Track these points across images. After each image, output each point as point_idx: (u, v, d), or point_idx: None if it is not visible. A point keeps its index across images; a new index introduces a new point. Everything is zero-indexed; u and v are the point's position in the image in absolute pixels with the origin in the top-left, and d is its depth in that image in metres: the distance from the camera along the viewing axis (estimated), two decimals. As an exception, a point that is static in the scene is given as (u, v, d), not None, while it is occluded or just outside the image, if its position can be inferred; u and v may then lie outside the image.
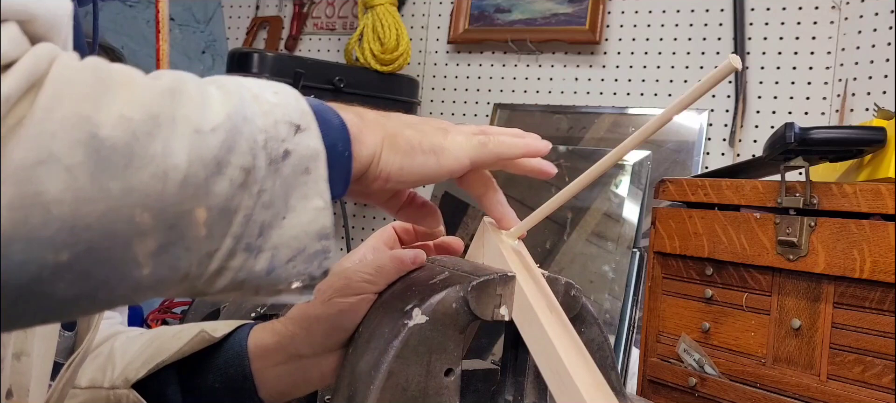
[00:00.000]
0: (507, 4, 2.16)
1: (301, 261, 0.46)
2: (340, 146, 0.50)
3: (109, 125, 0.38)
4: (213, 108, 0.42)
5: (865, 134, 1.09)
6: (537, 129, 2.10)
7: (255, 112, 0.44)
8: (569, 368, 0.54)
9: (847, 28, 1.75)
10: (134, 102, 0.39)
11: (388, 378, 0.57)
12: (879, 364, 1.01)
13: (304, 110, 0.47)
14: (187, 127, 0.41)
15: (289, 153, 0.45)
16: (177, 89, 0.41)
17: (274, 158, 0.44)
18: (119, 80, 0.40)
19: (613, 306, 1.74)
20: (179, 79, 0.43)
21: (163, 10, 1.93)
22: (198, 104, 0.42)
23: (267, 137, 0.44)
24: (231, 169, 0.42)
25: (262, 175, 0.43)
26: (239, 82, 0.46)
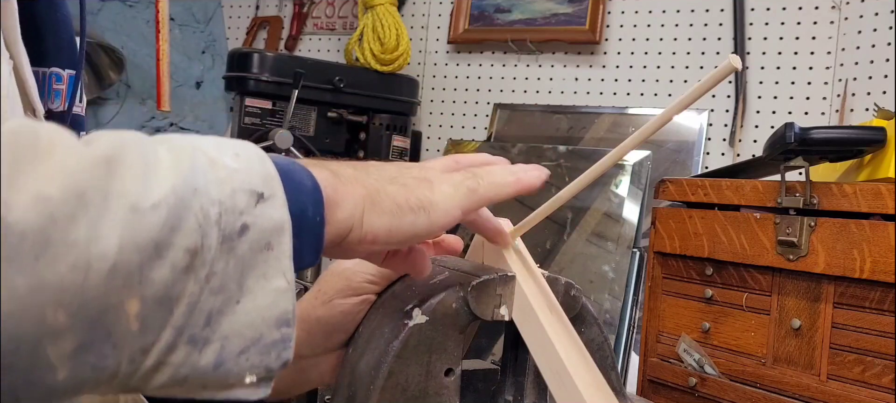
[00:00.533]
0: (507, 4, 2.16)
1: (256, 353, 0.40)
2: (311, 211, 0.44)
3: (21, 207, 0.32)
4: (157, 179, 0.36)
5: (865, 134, 1.09)
6: (537, 129, 2.11)
7: (209, 180, 0.38)
8: (569, 368, 0.54)
9: (847, 28, 1.75)
10: (56, 177, 0.33)
11: (388, 378, 0.57)
12: (879, 364, 1.01)
13: (269, 175, 0.41)
14: (122, 204, 0.35)
15: (247, 227, 0.39)
16: (114, 157, 0.35)
17: (228, 235, 0.38)
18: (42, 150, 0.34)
19: (613, 306, 1.74)
20: (120, 143, 0.36)
21: (163, 10, 1.93)
22: (138, 175, 0.36)
23: (221, 210, 0.38)
24: (174, 251, 0.36)
25: (212, 256, 0.38)
26: (194, 144, 0.40)
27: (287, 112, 1.93)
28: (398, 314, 0.59)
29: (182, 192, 0.36)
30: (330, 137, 2.07)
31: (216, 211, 0.38)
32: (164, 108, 2.01)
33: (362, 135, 2.12)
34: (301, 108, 2.01)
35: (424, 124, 2.32)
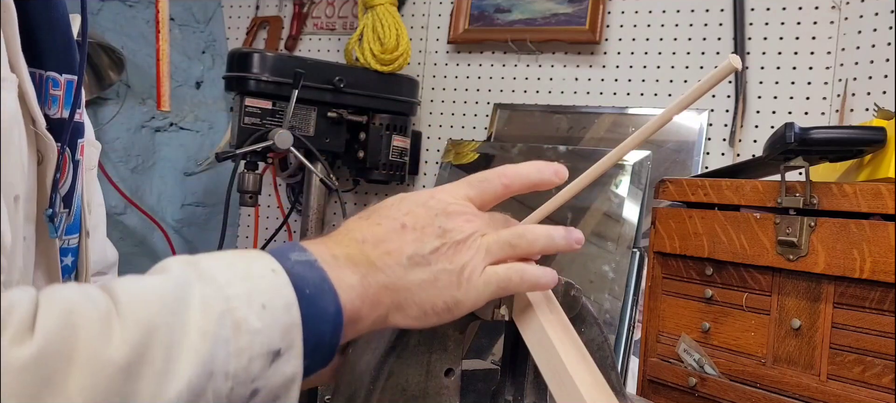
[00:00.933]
0: (507, 4, 2.16)
1: None
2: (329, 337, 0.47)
3: None
4: (176, 374, 0.39)
5: (865, 134, 1.09)
6: (537, 129, 2.11)
7: (229, 354, 0.41)
8: (569, 368, 0.54)
9: (847, 28, 1.75)
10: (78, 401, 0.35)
11: (388, 379, 0.57)
12: (879, 364, 1.01)
13: (292, 324, 0.44)
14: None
15: (257, 391, 0.42)
16: (138, 358, 0.38)
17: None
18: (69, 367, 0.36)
19: (613, 306, 1.74)
20: (149, 327, 0.38)
21: (163, 10, 1.93)
22: (159, 375, 0.38)
23: (234, 384, 0.41)
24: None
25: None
26: (227, 299, 0.42)
27: (287, 112, 1.93)
28: (398, 314, 0.59)
29: (197, 383, 0.39)
30: (330, 137, 2.07)
31: (229, 385, 0.41)
32: (164, 108, 2.01)
33: (362, 135, 2.12)
34: (301, 108, 2.00)
35: (424, 124, 2.32)
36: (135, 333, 0.38)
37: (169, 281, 0.42)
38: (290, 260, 0.47)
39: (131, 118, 2.45)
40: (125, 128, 2.43)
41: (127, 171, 2.45)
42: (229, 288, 0.42)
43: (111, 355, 0.37)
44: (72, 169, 0.72)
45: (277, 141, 1.90)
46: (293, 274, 0.45)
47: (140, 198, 2.45)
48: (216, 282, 0.42)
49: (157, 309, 0.39)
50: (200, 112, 2.62)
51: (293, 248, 0.49)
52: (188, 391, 0.39)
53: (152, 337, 0.39)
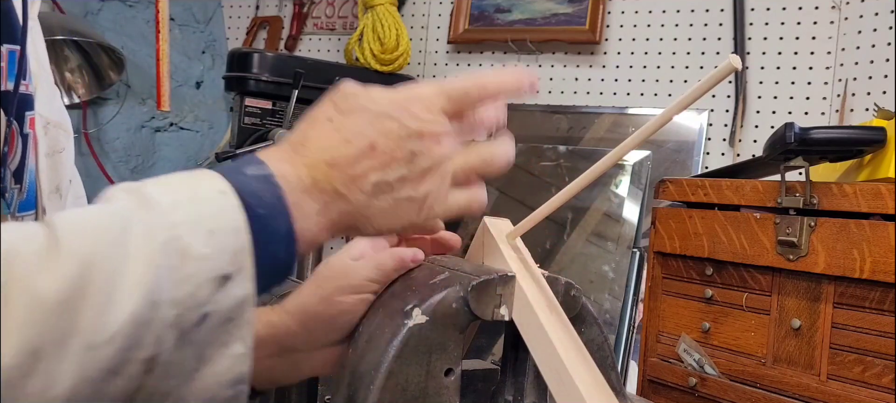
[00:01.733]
0: (507, 4, 2.16)
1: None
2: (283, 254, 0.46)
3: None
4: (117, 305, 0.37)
5: (865, 134, 1.09)
6: (537, 129, 2.11)
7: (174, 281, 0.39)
8: (569, 368, 0.54)
9: (847, 28, 1.75)
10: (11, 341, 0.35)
11: (388, 379, 0.57)
12: (879, 364, 1.01)
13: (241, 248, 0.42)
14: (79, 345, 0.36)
15: (207, 316, 0.41)
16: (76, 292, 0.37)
17: (185, 329, 0.40)
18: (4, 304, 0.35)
19: (613, 306, 1.74)
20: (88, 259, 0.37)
21: (163, 10, 1.93)
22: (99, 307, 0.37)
23: (181, 311, 0.40)
24: (130, 366, 0.38)
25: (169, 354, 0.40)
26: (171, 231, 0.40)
27: (287, 112, 1.93)
28: (398, 314, 0.59)
29: (142, 314, 0.38)
30: (330, 137, 2.07)
31: (175, 313, 0.39)
32: (164, 108, 2.01)
33: (362, 135, 2.11)
34: (301, 108, 2.00)
35: (424, 124, 2.32)
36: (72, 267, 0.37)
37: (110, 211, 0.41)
38: (245, 174, 0.45)
39: (131, 118, 2.45)
40: (125, 128, 2.43)
41: (127, 171, 2.45)
42: (174, 213, 0.41)
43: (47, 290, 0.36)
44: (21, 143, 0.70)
45: (277, 141, 1.89)
46: (245, 192, 0.44)
47: (140, 198, 2.45)
48: (160, 208, 0.41)
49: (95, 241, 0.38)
50: (200, 112, 2.62)
51: (250, 162, 0.47)
52: (132, 322, 0.38)
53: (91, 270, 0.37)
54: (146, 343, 0.38)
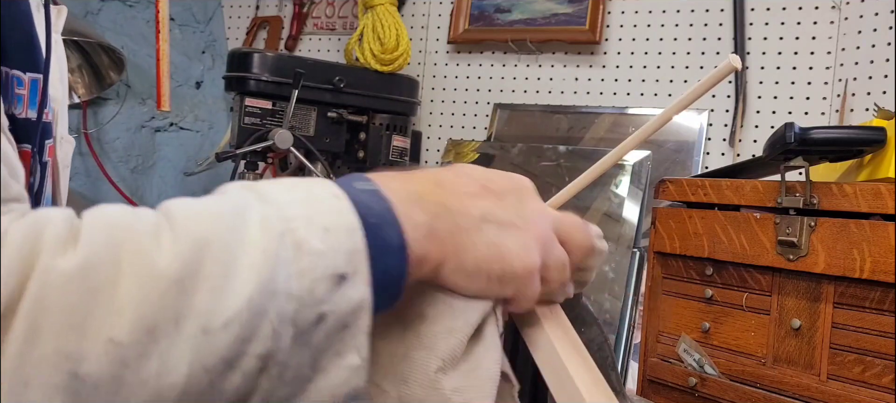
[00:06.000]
0: (507, 4, 2.16)
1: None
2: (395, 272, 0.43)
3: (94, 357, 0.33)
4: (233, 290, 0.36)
5: (865, 134, 1.09)
6: (537, 129, 2.11)
7: (291, 274, 0.38)
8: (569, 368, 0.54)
9: (847, 28, 1.75)
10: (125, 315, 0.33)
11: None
12: (879, 364, 1.01)
13: (356, 249, 0.40)
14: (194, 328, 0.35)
15: (324, 316, 0.39)
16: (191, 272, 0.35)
17: (303, 329, 0.38)
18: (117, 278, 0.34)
19: (613, 306, 1.74)
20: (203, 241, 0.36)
21: (163, 10, 1.93)
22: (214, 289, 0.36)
23: (298, 306, 0.38)
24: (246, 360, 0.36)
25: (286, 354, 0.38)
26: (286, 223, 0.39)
27: (287, 112, 1.93)
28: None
29: (258, 302, 0.36)
30: (330, 137, 2.07)
31: (292, 307, 0.37)
32: (164, 108, 2.01)
33: (362, 135, 2.12)
34: (301, 108, 2.00)
35: (424, 124, 2.32)
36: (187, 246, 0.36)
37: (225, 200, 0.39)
38: (354, 188, 0.43)
39: (131, 118, 2.45)
40: (125, 128, 2.43)
41: (127, 171, 2.45)
42: (289, 208, 0.40)
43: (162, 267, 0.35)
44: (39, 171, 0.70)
45: (277, 141, 1.90)
46: (357, 201, 0.42)
47: (140, 198, 2.45)
48: (276, 202, 0.40)
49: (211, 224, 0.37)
50: (200, 112, 2.62)
51: (357, 178, 0.45)
52: (249, 309, 0.36)
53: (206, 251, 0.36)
54: (263, 335, 0.36)
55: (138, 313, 0.34)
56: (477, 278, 0.48)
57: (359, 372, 0.40)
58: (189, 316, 0.35)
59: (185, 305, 0.35)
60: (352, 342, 0.40)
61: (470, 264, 0.47)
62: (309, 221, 0.39)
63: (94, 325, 0.33)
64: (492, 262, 0.48)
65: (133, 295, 0.34)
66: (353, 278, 0.39)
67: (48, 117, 0.72)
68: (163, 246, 0.35)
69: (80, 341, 0.33)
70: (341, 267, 0.39)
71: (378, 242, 0.42)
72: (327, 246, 0.39)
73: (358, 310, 0.40)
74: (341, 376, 0.40)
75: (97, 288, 0.33)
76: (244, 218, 0.38)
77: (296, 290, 0.38)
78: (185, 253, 0.35)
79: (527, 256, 0.49)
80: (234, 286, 0.36)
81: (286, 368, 0.38)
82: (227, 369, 0.36)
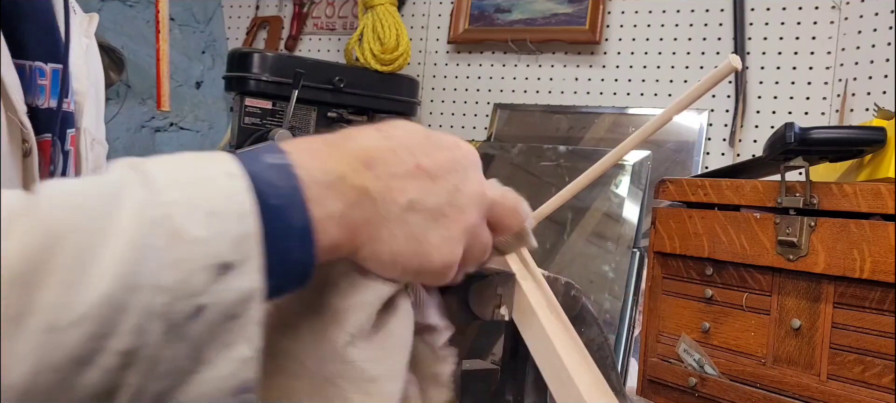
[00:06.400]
0: (507, 4, 2.16)
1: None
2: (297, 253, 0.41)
3: None
4: (88, 285, 0.34)
5: (865, 134, 1.09)
6: (537, 129, 2.11)
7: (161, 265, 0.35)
8: (569, 368, 0.54)
9: (847, 28, 1.75)
10: None
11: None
12: (879, 364, 1.01)
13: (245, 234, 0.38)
14: (37, 325, 0.33)
15: (202, 308, 0.36)
16: (38, 265, 0.33)
17: (175, 322, 0.36)
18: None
19: (613, 306, 1.74)
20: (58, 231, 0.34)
21: (163, 10, 1.93)
22: (64, 284, 0.33)
23: (170, 299, 0.35)
24: (104, 357, 0.34)
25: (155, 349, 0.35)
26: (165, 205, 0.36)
27: (287, 112, 1.93)
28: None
29: (117, 297, 0.34)
30: (330, 137, 2.07)
31: (162, 301, 0.35)
32: (164, 108, 2.01)
33: (362, 135, 2.12)
34: (301, 108, 2.00)
35: (424, 124, 2.33)
36: (38, 238, 0.34)
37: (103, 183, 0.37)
38: (262, 162, 0.41)
39: (131, 118, 2.45)
40: (125, 128, 2.43)
41: (127, 171, 2.45)
42: (170, 192, 0.37)
43: (6, 260, 0.33)
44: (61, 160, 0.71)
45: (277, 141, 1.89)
46: (259, 179, 0.40)
47: (140, 198, 2.45)
48: (155, 186, 0.37)
49: (75, 212, 0.35)
50: (200, 112, 2.62)
51: (271, 150, 0.43)
52: (104, 305, 0.34)
53: (59, 243, 0.34)
54: (122, 331, 0.34)
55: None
56: (392, 269, 0.46)
57: (249, 364, 0.38)
58: (33, 313, 0.33)
59: (28, 302, 0.33)
60: (241, 333, 0.37)
61: (386, 256, 0.45)
62: (191, 206, 0.37)
63: None
64: (410, 257, 0.46)
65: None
66: (241, 266, 0.37)
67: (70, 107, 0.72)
68: (13, 236, 0.34)
69: None
70: (225, 256, 0.37)
71: (278, 224, 0.39)
72: (210, 232, 0.37)
73: (247, 300, 0.38)
74: (229, 368, 0.37)
75: None
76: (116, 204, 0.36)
77: (167, 282, 0.35)
78: (33, 245, 0.34)
79: (448, 252, 0.47)
80: (89, 280, 0.34)
81: (157, 363, 0.35)
82: (80, 366, 0.34)
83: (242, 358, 0.38)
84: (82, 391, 0.34)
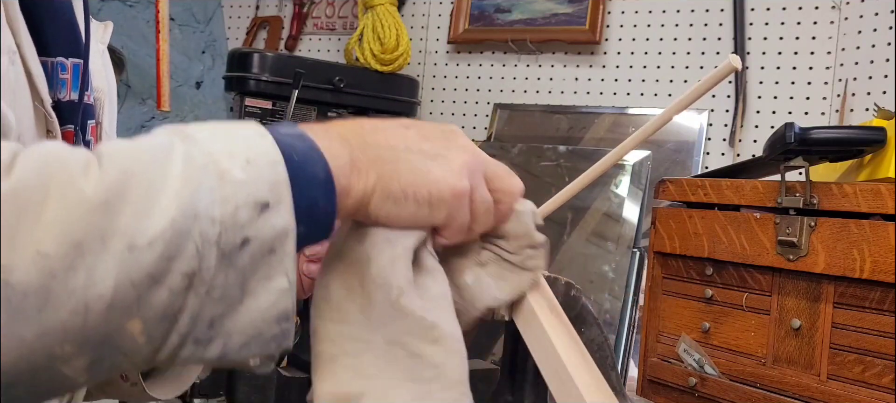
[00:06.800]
0: (507, 4, 2.16)
1: (256, 345, 0.43)
2: (322, 202, 0.45)
3: (22, 267, 0.36)
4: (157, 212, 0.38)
5: (865, 134, 1.09)
6: (537, 129, 2.11)
7: (214, 200, 0.40)
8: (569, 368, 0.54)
9: (847, 28, 1.75)
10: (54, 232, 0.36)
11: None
12: (879, 364, 1.01)
13: (278, 180, 0.42)
14: (119, 245, 0.37)
15: (248, 240, 0.41)
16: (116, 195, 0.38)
17: (228, 251, 0.40)
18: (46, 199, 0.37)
19: (613, 306, 1.74)
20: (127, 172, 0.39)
21: (163, 10, 1.93)
22: (138, 211, 0.38)
23: (222, 229, 0.40)
24: (171, 277, 0.39)
25: (212, 273, 0.40)
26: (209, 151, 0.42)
27: (287, 112, 1.93)
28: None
29: (181, 223, 0.39)
30: (330, 137, 2.07)
31: (215, 231, 0.40)
32: (164, 108, 2.01)
33: (362, 135, 2.12)
34: (301, 108, 2.00)
35: (424, 124, 2.32)
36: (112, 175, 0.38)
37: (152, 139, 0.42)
38: (279, 131, 0.46)
39: (131, 118, 2.45)
40: (125, 128, 2.43)
41: (127, 171, 2.45)
42: (211, 144, 0.42)
43: (86, 192, 0.37)
44: None
45: (277, 141, 1.90)
46: (280, 140, 0.44)
47: (140, 198, 2.45)
48: (198, 141, 0.42)
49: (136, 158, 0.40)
50: (200, 112, 2.62)
51: (283, 125, 0.48)
52: (172, 229, 0.38)
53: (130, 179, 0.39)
54: (187, 254, 0.39)
55: (64, 229, 0.36)
56: (405, 203, 0.49)
57: (287, 294, 0.43)
58: (115, 234, 0.37)
59: (110, 225, 0.37)
60: (279, 266, 0.42)
61: (396, 189, 0.49)
62: (231, 154, 0.42)
63: (23, 238, 0.36)
64: (419, 186, 0.49)
65: (59, 215, 0.37)
66: (277, 206, 0.42)
67: (90, 100, 0.75)
68: (90, 176, 0.38)
69: (11, 252, 0.35)
70: (263, 196, 0.41)
71: (303, 175, 0.44)
72: (249, 175, 0.41)
73: (282, 237, 0.42)
74: (270, 298, 0.42)
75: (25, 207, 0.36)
76: (169, 153, 0.40)
77: (219, 215, 0.40)
78: (111, 181, 0.38)
79: (455, 180, 0.50)
80: (158, 209, 0.38)
81: (213, 287, 0.40)
82: (154, 284, 0.38)
83: (281, 289, 0.42)
84: (153, 310, 0.38)
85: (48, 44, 0.68)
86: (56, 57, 0.69)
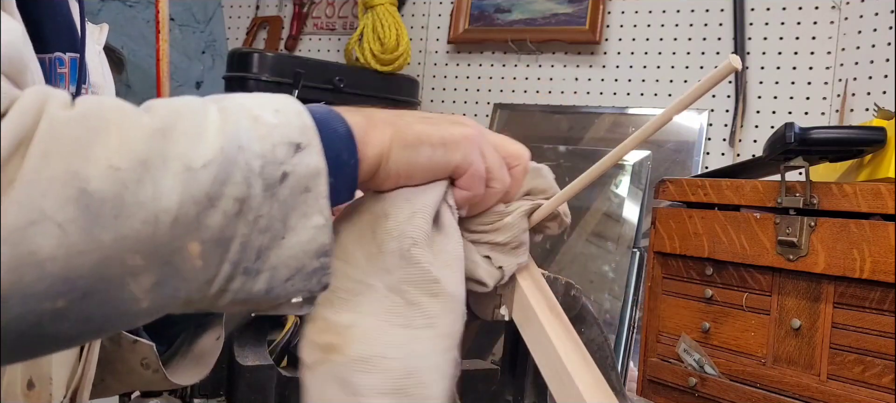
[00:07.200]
0: (507, 4, 2.16)
1: (299, 279, 0.46)
2: (346, 155, 0.49)
3: (98, 178, 0.39)
4: (206, 142, 0.43)
5: (865, 134, 1.09)
6: (537, 129, 2.11)
7: (252, 137, 0.44)
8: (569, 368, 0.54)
9: (847, 28, 1.75)
10: (122, 149, 0.40)
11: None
12: (879, 364, 1.01)
13: (306, 126, 0.46)
14: (178, 166, 0.41)
15: (287, 175, 0.45)
16: (169, 126, 0.42)
17: (270, 183, 0.44)
18: (109, 125, 0.41)
19: (613, 306, 1.74)
20: (174, 112, 0.43)
21: (163, 10, 1.93)
22: (190, 139, 0.42)
23: (263, 163, 0.44)
24: (224, 201, 0.42)
25: (258, 202, 0.44)
26: (240, 104, 0.46)
27: (287, 112, 1.93)
28: (398, 314, 0.58)
29: (229, 151, 0.43)
30: (330, 137, 2.07)
31: (259, 163, 0.43)
32: (164, 108, 2.01)
33: (362, 135, 2.12)
34: (301, 108, 2.01)
35: (424, 124, 2.32)
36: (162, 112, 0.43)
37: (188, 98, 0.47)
38: None
39: (131, 118, 2.45)
40: (125, 128, 2.43)
41: (127, 171, 2.45)
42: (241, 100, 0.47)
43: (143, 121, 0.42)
44: None
45: (277, 141, 1.90)
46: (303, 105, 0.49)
47: (140, 198, 2.45)
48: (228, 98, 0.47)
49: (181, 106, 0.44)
50: (200, 112, 2.62)
51: None
52: (222, 155, 0.42)
53: (179, 117, 0.43)
54: (236, 179, 0.42)
55: (131, 147, 0.40)
56: (421, 148, 0.53)
57: (324, 230, 0.46)
58: (174, 157, 0.41)
59: (169, 148, 0.41)
60: (315, 204, 0.46)
61: (411, 137, 0.52)
62: (261, 105, 0.46)
63: (96, 153, 0.40)
64: (432, 133, 0.53)
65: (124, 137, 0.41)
66: (308, 148, 0.45)
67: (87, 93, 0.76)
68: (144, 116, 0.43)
69: (86, 164, 0.39)
70: (295, 137, 0.45)
71: (327, 129, 0.48)
72: (280, 120, 0.46)
73: (316, 175, 0.45)
74: (309, 234, 0.46)
75: (95, 128, 0.40)
76: (204, 104, 0.45)
77: (259, 149, 0.44)
78: (163, 115, 0.43)
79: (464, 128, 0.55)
80: (206, 139, 0.42)
81: (260, 217, 0.44)
82: (210, 206, 0.42)
83: (317, 225, 0.46)
84: (209, 232, 0.42)
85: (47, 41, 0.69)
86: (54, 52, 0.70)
